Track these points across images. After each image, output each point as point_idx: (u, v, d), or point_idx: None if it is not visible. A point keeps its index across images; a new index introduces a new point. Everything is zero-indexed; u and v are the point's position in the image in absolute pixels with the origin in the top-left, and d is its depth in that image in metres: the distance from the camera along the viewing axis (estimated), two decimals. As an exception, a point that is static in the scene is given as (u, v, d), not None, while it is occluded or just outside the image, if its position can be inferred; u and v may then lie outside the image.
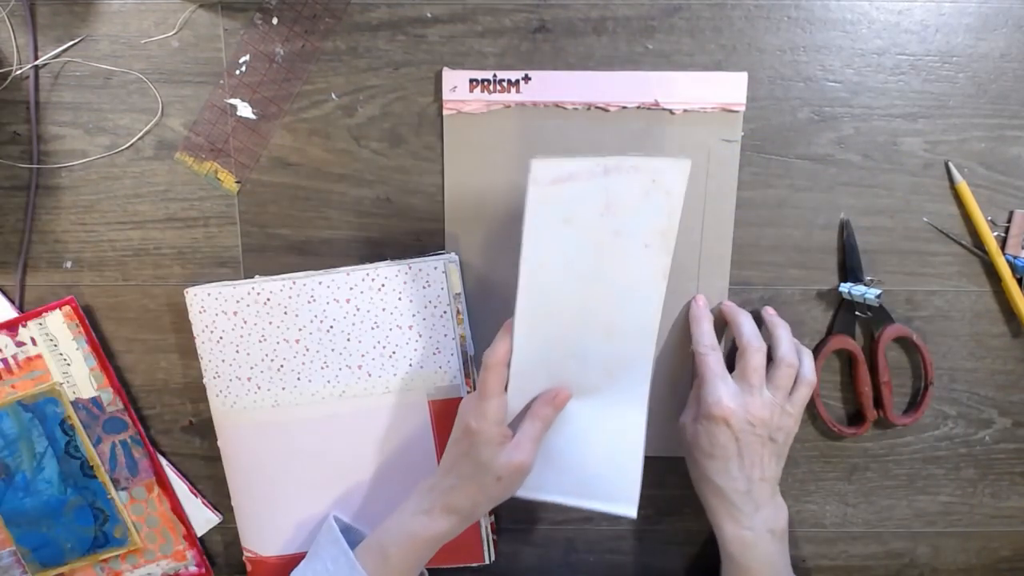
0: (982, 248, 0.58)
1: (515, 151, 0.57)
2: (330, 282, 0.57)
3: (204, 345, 0.58)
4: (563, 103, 0.56)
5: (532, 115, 0.56)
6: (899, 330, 0.58)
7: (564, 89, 0.56)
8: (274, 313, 0.57)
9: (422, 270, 0.56)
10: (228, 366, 0.58)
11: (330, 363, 0.57)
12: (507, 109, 0.56)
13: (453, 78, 0.55)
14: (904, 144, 0.57)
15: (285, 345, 0.57)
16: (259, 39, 0.56)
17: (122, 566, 0.62)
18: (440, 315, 0.57)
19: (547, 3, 0.55)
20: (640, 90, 0.56)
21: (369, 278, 0.57)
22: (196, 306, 0.57)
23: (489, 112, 0.56)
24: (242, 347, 0.57)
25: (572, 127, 0.56)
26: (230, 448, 0.59)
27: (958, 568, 0.64)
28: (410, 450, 0.59)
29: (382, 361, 0.57)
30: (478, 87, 0.55)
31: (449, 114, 0.56)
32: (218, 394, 0.58)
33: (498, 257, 0.58)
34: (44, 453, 0.59)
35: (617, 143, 0.56)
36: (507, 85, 0.56)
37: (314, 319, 0.57)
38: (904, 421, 0.60)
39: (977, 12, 0.56)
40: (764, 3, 0.55)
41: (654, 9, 0.55)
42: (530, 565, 0.64)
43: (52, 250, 0.59)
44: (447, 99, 0.56)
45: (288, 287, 0.57)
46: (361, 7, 0.56)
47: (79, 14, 0.56)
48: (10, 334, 0.58)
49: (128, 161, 0.58)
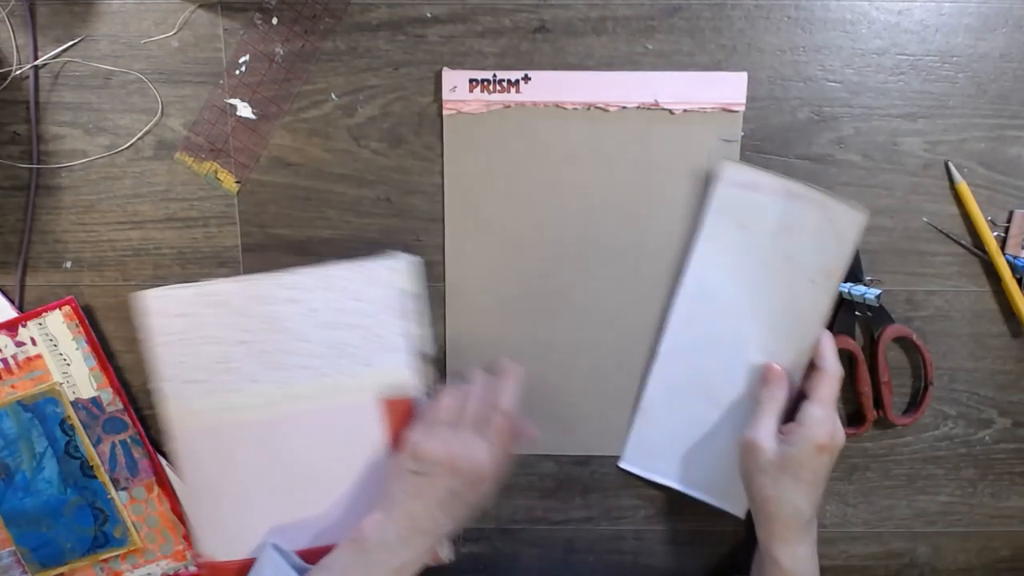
0: (982, 248, 0.58)
1: (515, 151, 0.57)
2: (282, 283, 0.56)
3: (157, 348, 0.57)
4: (563, 103, 0.56)
5: (532, 115, 0.56)
6: (899, 330, 0.58)
7: (564, 89, 0.56)
8: (226, 315, 0.57)
9: (374, 271, 0.56)
10: (180, 369, 0.57)
11: (282, 364, 0.57)
12: (507, 109, 0.56)
13: (453, 78, 0.55)
14: (904, 144, 0.57)
15: (238, 347, 0.57)
16: (259, 39, 0.56)
17: (122, 566, 0.62)
18: (392, 315, 0.57)
19: (547, 3, 0.55)
20: (640, 90, 0.56)
21: (324, 278, 0.56)
22: (149, 309, 0.57)
23: (489, 112, 0.56)
24: (195, 350, 0.57)
25: (572, 127, 0.57)
26: (185, 452, 0.59)
27: (958, 568, 0.64)
28: (363, 450, 0.58)
29: (335, 362, 0.57)
30: (478, 87, 0.56)
31: (449, 114, 0.56)
32: (172, 397, 0.58)
33: (498, 256, 0.58)
34: (44, 453, 0.59)
35: (616, 143, 0.57)
36: (507, 85, 0.56)
37: (266, 320, 0.57)
38: (904, 421, 0.60)
39: (977, 12, 0.56)
40: (764, 3, 0.55)
41: (654, 9, 0.55)
42: (530, 565, 0.64)
43: (52, 250, 0.59)
44: (447, 99, 0.56)
45: (240, 288, 0.56)
46: (361, 7, 0.56)
47: (79, 14, 0.56)
48: (10, 334, 0.58)
49: (128, 161, 0.58)
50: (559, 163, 0.57)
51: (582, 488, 0.62)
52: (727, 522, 0.62)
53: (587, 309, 0.59)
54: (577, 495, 0.62)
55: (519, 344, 0.59)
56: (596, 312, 0.59)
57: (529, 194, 0.58)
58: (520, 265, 0.59)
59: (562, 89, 0.56)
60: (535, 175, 0.57)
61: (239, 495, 0.59)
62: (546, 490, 0.62)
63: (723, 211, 0.56)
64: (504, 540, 0.63)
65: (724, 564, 0.63)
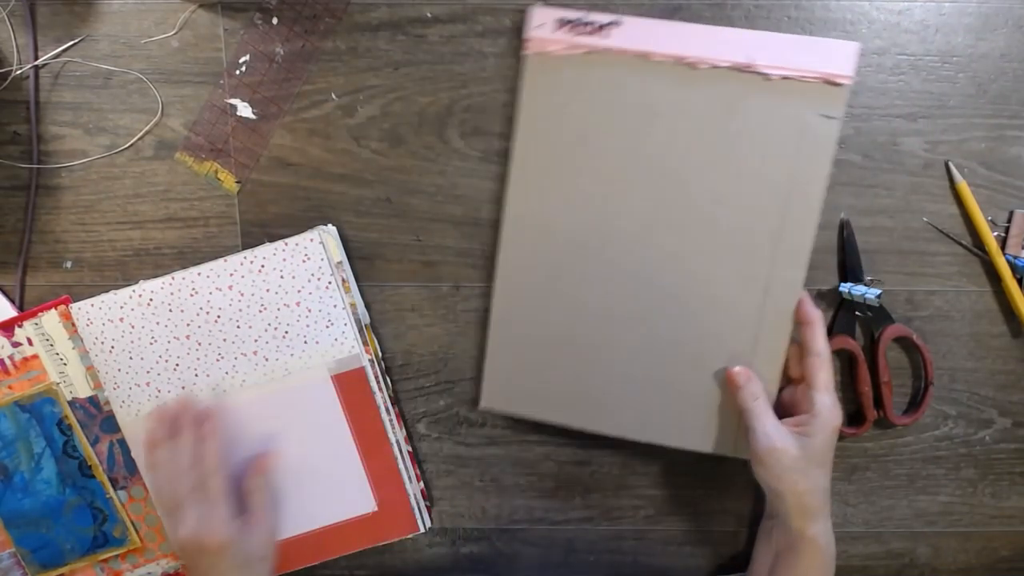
0: (982, 248, 0.58)
1: (593, 100, 0.54)
2: (208, 272, 0.56)
3: (98, 357, 0.57)
4: (651, 54, 0.53)
5: (616, 63, 0.53)
6: (899, 330, 0.58)
7: (653, 39, 0.52)
8: (159, 313, 0.56)
9: (299, 244, 0.56)
10: (125, 374, 0.57)
11: (224, 354, 0.57)
12: (590, 55, 0.53)
13: (542, 15, 0.53)
14: (904, 144, 0.57)
15: (176, 343, 0.57)
16: (259, 39, 0.56)
17: (122, 566, 0.62)
18: (325, 287, 0.56)
19: (547, 3, 0.55)
20: (735, 48, 0.52)
21: (248, 261, 0.56)
22: (82, 320, 0.57)
23: (571, 56, 0.53)
24: (135, 353, 0.57)
25: (656, 82, 0.53)
26: (142, 458, 0.58)
27: (958, 568, 0.64)
28: (323, 429, 0.58)
29: (276, 343, 0.57)
30: (567, 27, 0.53)
31: (532, 52, 0.54)
32: (121, 404, 0.58)
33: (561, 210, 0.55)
34: (42, 453, 0.59)
35: (702, 106, 0.53)
36: (596, 28, 0.52)
37: (200, 312, 0.56)
38: (904, 421, 0.60)
39: (977, 12, 0.56)
40: (764, 3, 0.55)
41: (654, 9, 0.55)
42: (530, 565, 0.64)
43: (52, 250, 0.59)
44: (532, 36, 0.53)
45: (168, 284, 0.56)
46: (361, 7, 0.56)
47: (79, 14, 0.56)
48: (6, 334, 0.58)
49: (128, 161, 0.58)
50: (637, 120, 0.54)
51: (582, 488, 0.62)
52: (727, 522, 0.62)
53: (648, 281, 0.55)
54: (577, 495, 0.62)
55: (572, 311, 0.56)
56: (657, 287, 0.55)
57: (603, 148, 0.54)
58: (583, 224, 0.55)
59: (651, 39, 0.52)
60: (611, 129, 0.54)
61: None
62: (546, 490, 0.62)
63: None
64: (504, 540, 0.63)
65: (724, 564, 0.63)
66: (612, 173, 0.55)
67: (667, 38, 0.52)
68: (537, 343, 0.57)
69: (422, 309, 0.60)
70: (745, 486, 0.62)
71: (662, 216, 0.55)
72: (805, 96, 0.52)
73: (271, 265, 0.56)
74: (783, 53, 0.51)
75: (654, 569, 0.64)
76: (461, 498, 0.62)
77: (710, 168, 0.54)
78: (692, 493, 0.62)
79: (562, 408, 0.57)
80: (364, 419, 0.58)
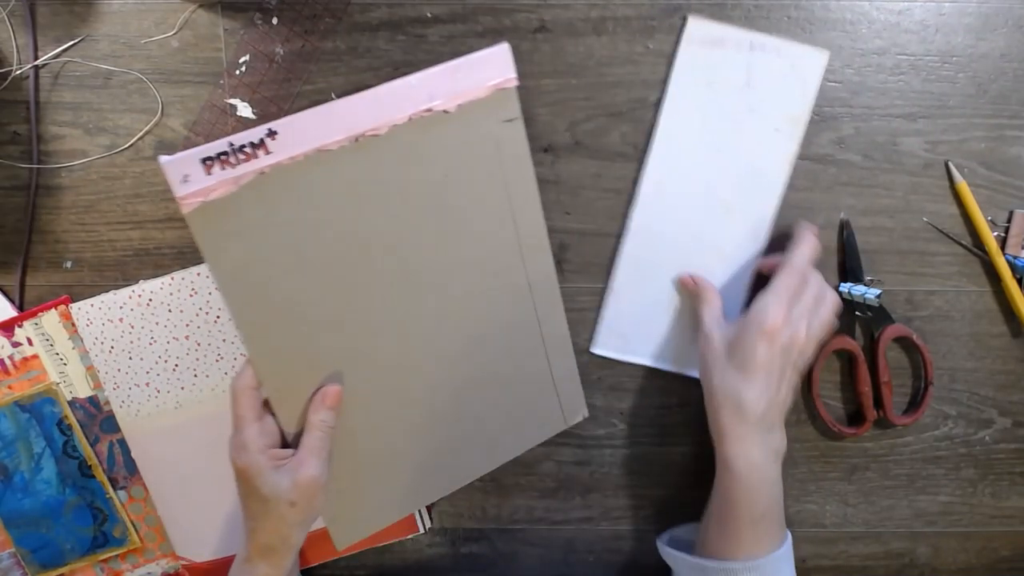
0: (982, 248, 0.58)
1: (290, 220, 0.47)
2: (208, 272, 0.55)
3: (98, 357, 0.57)
4: (325, 146, 0.47)
5: (293, 174, 0.46)
6: (899, 330, 0.58)
7: (319, 131, 0.46)
8: (159, 313, 0.56)
9: None
10: (125, 375, 0.57)
11: (224, 354, 0.57)
12: (263, 176, 0.46)
13: (180, 166, 0.43)
14: (904, 144, 0.57)
15: (176, 343, 0.57)
16: (259, 39, 0.56)
17: (122, 566, 0.61)
18: None
19: (547, 3, 0.55)
20: (405, 99, 0.48)
21: None
22: (83, 320, 0.57)
23: (239, 192, 0.45)
24: (134, 353, 0.57)
25: (346, 169, 0.48)
26: (144, 459, 0.59)
27: (958, 568, 0.64)
28: None
29: None
30: (215, 164, 0.44)
31: (192, 209, 0.44)
32: (121, 404, 0.58)
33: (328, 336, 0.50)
34: (42, 453, 0.59)
35: (402, 166, 0.49)
36: (251, 150, 0.45)
37: (199, 312, 0.56)
38: (904, 421, 0.60)
39: (977, 12, 0.56)
40: (764, 3, 0.55)
41: (654, 9, 0.55)
42: (530, 565, 0.64)
43: (52, 250, 0.59)
44: (182, 193, 0.44)
45: (167, 284, 0.56)
46: (361, 7, 0.56)
47: (79, 14, 0.56)
48: (6, 334, 0.58)
49: (128, 161, 0.58)
50: (343, 213, 0.48)
51: (582, 488, 0.62)
52: (727, 522, 0.62)
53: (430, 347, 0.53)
54: (577, 495, 0.62)
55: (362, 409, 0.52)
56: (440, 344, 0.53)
57: (323, 259, 0.49)
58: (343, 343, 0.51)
59: (317, 131, 0.46)
60: (322, 237, 0.48)
61: (207, 495, 0.59)
62: (546, 490, 0.62)
63: (689, 71, 0.55)
64: (504, 540, 0.63)
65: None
66: (339, 277, 0.49)
67: (333, 123, 0.46)
68: (359, 461, 0.54)
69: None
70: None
71: (413, 285, 0.51)
72: (485, 111, 0.50)
73: None
74: (451, 82, 0.49)
75: (654, 569, 0.64)
76: (461, 498, 0.62)
77: (438, 215, 0.51)
78: (692, 493, 0.62)
79: (417, 495, 0.57)
80: None
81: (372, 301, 0.51)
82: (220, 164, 0.44)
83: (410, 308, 0.52)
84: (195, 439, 0.58)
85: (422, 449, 0.56)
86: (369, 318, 0.51)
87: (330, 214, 0.48)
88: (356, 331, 0.51)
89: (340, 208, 0.48)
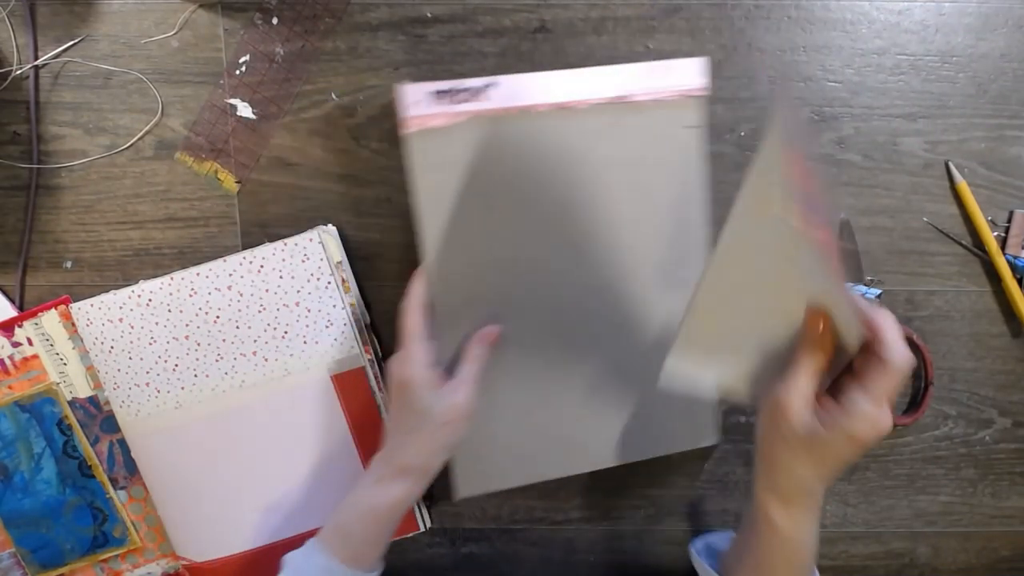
0: (982, 248, 0.58)
1: (486, 163, 0.53)
2: (208, 272, 0.56)
3: (98, 357, 0.57)
4: (532, 107, 0.53)
5: (500, 123, 0.53)
6: (899, 330, 0.58)
7: (530, 92, 0.53)
8: (159, 313, 0.56)
9: (297, 244, 0.56)
10: (125, 375, 0.57)
11: (224, 354, 0.57)
12: (474, 119, 0.52)
13: (414, 92, 0.51)
14: (904, 144, 0.57)
15: (176, 343, 0.56)
16: (259, 39, 0.56)
17: (122, 566, 0.61)
18: (324, 286, 0.56)
19: (547, 3, 0.55)
20: (606, 85, 0.53)
21: (247, 261, 0.56)
22: (83, 320, 0.56)
23: (455, 124, 0.52)
24: (134, 353, 0.56)
25: (543, 131, 0.53)
26: (144, 459, 0.59)
27: (958, 568, 0.64)
28: (322, 429, 0.58)
29: (276, 343, 0.56)
30: (442, 98, 0.52)
31: (414, 131, 0.52)
32: (121, 405, 0.57)
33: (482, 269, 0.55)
34: (42, 453, 0.59)
35: (585, 141, 0.54)
36: (472, 93, 0.52)
37: (199, 312, 0.56)
38: (904, 421, 0.60)
39: (977, 12, 0.56)
40: (764, 3, 0.55)
41: (654, 9, 0.55)
42: (530, 565, 0.64)
43: (52, 250, 0.59)
44: (410, 115, 0.51)
45: (167, 284, 0.56)
46: (361, 7, 0.56)
47: (79, 14, 0.56)
48: (6, 335, 0.58)
49: (128, 161, 0.58)
50: (531, 168, 0.54)
51: (582, 488, 0.62)
52: (727, 522, 0.62)
53: (580, 312, 0.56)
54: (577, 495, 0.62)
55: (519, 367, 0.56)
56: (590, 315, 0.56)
57: (506, 202, 0.54)
58: (506, 280, 0.55)
59: (528, 92, 0.53)
60: (509, 182, 0.54)
61: (206, 494, 0.59)
62: (546, 490, 0.62)
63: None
64: (504, 540, 0.63)
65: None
66: (520, 224, 0.54)
67: (544, 89, 0.53)
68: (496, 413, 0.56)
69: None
70: (745, 486, 0.62)
71: (574, 251, 0.55)
72: (672, 113, 0.54)
73: (270, 265, 0.56)
74: (647, 79, 0.54)
75: (654, 569, 0.64)
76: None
77: (616, 193, 0.55)
78: (692, 493, 0.62)
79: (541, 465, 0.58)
80: (364, 419, 0.58)
81: (542, 254, 0.55)
82: (445, 99, 0.52)
83: (575, 272, 0.55)
84: (195, 439, 0.58)
85: (554, 420, 0.57)
86: (536, 270, 0.55)
87: (523, 165, 0.54)
88: (522, 279, 0.55)
89: (532, 162, 0.54)
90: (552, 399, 0.57)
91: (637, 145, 0.55)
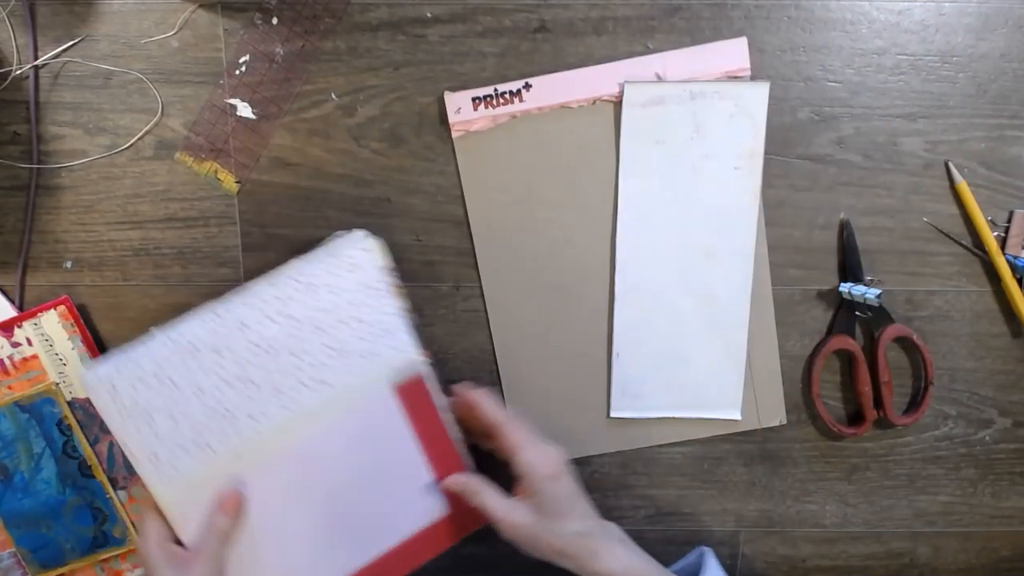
0: (982, 248, 0.58)
1: (528, 160, 0.57)
2: (255, 303, 0.51)
3: (126, 429, 0.49)
4: (569, 103, 0.56)
5: (539, 121, 0.57)
6: (899, 330, 0.58)
7: (566, 90, 0.56)
8: (205, 358, 0.50)
9: (341, 256, 0.52)
10: (163, 442, 0.50)
11: (282, 387, 0.52)
12: (514, 120, 0.56)
13: (456, 100, 0.56)
14: (904, 144, 0.57)
15: (226, 387, 0.51)
16: (259, 39, 0.56)
17: (122, 566, 0.62)
18: (375, 296, 0.53)
19: (547, 3, 0.55)
20: (643, 74, 0.56)
21: (294, 281, 0.51)
22: (103, 391, 0.49)
23: (496, 127, 0.56)
24: (177, 412, 0.50)
25: (581, 124, 0.57)
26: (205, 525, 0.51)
27: (958, 568, 0.64)
28: (391, 445, 0.55)
29: (334, 364, 0.52)
30: (481, 104, 0.56)
31: (459, 135, 0.57)
32: (162, 479, 0.50)
33: (532, 277, 0.59)
34: (42, 454, 0.59)
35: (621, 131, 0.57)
36: (509, 96, 0.56)
37: (250, 346, 0.51)
38: (904, 421, 0.60)
39: (977, 12, 0.56)
40: (764, 3, 0.55)
41: (654, 9, 0.55)
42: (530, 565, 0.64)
43: (52, 250, 0.59)
44: (454, 122, 0.56)
45: (213, 322, 0.50)
46: (361, 7, 0.56)
47: (79, 14, 0.56)
48: (5, 335, 0.58)
49: (128, 161, 0.58)
50: (575, 160, 0.57)
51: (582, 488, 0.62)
52: (727, 522, 0.62)
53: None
54: (577, 495, 0.62)
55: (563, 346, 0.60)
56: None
57: (552, 197, 0.58)
58: (555, 269, 0.59)
59: (564, 90, 0.56)
60: (554, 177, 0.58)
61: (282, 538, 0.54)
62: (546, 490, 0.62)
63: (637, 135, 0.56)
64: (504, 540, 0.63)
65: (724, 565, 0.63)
66: (568, 216, 0.58)
67: (578, 85, 0.56)
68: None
69: (422, 309, 0.60)
70: (745, 486, 0.62)
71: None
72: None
73: (320, 281, 0.52)
74: (686, 64, 0.56)
75: (654, 569, 0.64)
76: (461, 498, 0.62)
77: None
78: (692, 493, 0.62)
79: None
80: (427, 423, 0.55)
81: (583, 242, 0.58)
82: (485, 104, 0.56)
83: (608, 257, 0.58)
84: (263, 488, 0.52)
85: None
86: (576, 258, 0.59)
87: (562, 160, 0.57)
88: (568, 267, 0.59)
89: (571, 156, 0.57)
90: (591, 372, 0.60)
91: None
